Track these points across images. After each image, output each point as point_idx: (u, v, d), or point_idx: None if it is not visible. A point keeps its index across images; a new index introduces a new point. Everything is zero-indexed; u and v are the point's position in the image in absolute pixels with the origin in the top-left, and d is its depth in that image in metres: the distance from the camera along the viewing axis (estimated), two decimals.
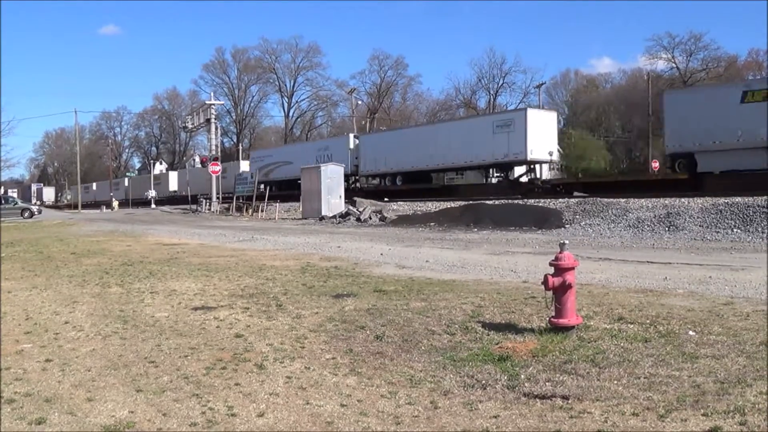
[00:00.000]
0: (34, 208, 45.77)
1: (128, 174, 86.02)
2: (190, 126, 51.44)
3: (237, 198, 40.37)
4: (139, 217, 37.66)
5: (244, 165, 53.57)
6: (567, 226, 17.04)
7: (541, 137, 29.99)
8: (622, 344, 4.82)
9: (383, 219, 23.62)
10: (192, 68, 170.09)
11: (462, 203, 23.82)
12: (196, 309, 6.82)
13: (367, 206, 26.12)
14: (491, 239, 15.24)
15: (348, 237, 16.76)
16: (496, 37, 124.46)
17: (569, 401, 3.75)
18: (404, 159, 35.18)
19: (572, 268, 5.14)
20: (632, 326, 5.34)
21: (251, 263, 10.86)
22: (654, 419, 3.40)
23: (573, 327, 5.13)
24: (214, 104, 48.39)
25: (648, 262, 9.76)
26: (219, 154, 46.90)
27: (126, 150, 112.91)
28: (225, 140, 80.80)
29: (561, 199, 21.51)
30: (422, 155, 34.43)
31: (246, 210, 36.37)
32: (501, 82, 77.15)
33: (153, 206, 60.05)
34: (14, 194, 69.93)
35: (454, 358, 4.70)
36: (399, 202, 28.99)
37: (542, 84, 64.29)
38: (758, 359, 4.30)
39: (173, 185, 65.92)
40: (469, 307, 6.29)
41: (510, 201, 23.21)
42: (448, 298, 6.82)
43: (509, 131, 30.33)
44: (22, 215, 39.88)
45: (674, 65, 66.09)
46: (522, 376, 4.22)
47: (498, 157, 30.99)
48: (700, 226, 14.61)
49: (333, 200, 27.89)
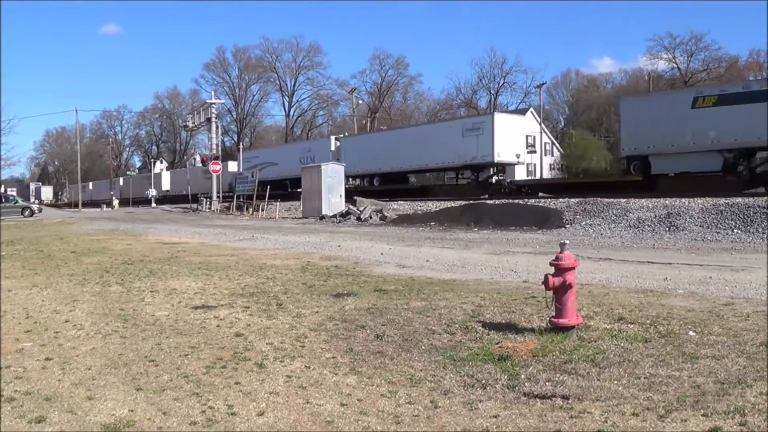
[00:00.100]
0: (35, 207, 45.82)
1: (129, 173, 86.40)
2: (191, 125, 51.44)
3: (237, 197, 40.40)
4: (140, 216, 37.68)
5: (233, 166, 55.23)
6: (567, 226, 17.05)
7: (509, 141, 31.34)
8: (623, 344, 4.82)
9: (384, 218, 23.63)
10: (193, 67, 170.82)
11: (462, 203, 23.84)
12: (197, 308, 6.82)
13: (368, 205, 26.12)
14: (492, 239, 15.25)
15: (348, 236, 16.77)
16: (497, 37, 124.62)
17: (569, 401, 3.75)
18: (382, 161, 36.28)
19: (573, 268, 5.14)
20: (632, 326, 5.34)
21: (251, 262, 10.87)
22: (654, 419, 3.40)
23: (573, 327, 5.13)
24: (215, 103, 48.34)
25: (648, 263, 9.76)
26: (220, 153, 46.91)
27: (126, 149, 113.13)
28: (226, 139, 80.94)
29: (561, 199, 21.54)
30: (398, 157, 35.70)
31: (246, 209, 36.39)
32: (502, 82, 77.28)
33: (153, 205, 60.20)
34: (13, 193, 70.04)
35: (455, 358, 4.70)
36: (399, 202, 29.03)
37: (543, 84, 64.17)
38: (758, 360, 4.30)
39: (166, 185, 67.94)
40: (470, 307, 6.29)
41: (510, 201, 23.23)
42: (449, 298, 6.82)
43: (478, 135, 31.61)
44: (23, 214, 39.89)
45: (675, 65, 66.17)
46: (522, 376, 4.22)
47: (467, 160, 32.20)
48: (701, 227, 14.61)
49: (333, 199, 27.92)
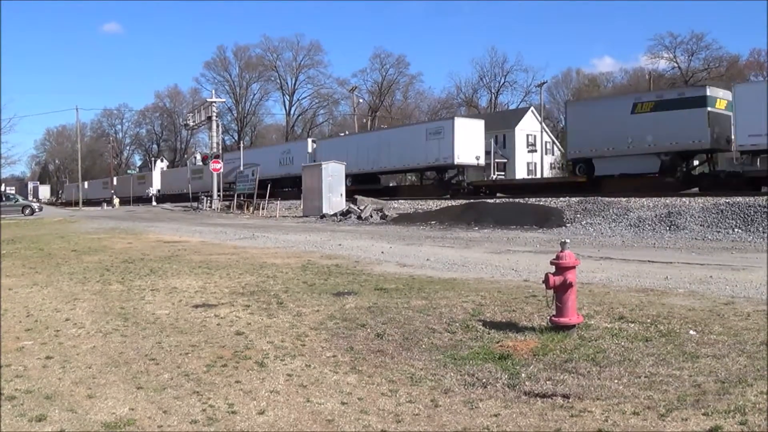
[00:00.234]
0: (35, 205, 45.83)
1: (129, 171, 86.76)
2: (192, 123, 51.47)
3: (238, 196, 40.43)
4: (140, 215, 37.70)
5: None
6: (568, 225, 17.05)
7: (469, 143, 32.71)
8: (623, 343, 4.82)
9: (384, 217, 23.63)
10: (193, 66, 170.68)
11: (463, 202, 23.85)
12: (197, 306, 6.82)
13: (368, 204, 26.11)
14: (492, 238, 15.24)
15: (349, 235, 16.77)
16: (498, 37, 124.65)
17: (570, 400, 3.75)
18: (354, 162, 37.16)
19: (573, 267, 5.14)
20: (633, 325, 5.34)
21: (252, 261, 10.86)
22: (654, 418, 3.40)
23: (574, 326, 5.13)
24: (216, 102, 48.31)
25: (649, 262, 9.76)
26: (220, 152, 46.94)
27: (127, 147, 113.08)
28: (226, 138, 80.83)
29: (562, 198, 21.55)
30: (369, 159, 37.20)
31: (247, 208, 36.41)
32: (502, 81, 77.35)
33: (154, 203, 60.25)
34: (12, 191, 70.43)
35: (455, 357, 4.70)
36: (400, 201, 29.05)
37: (544, 83, 64.33)
38: (759, 359, 4.30)
39: (157, 184, 70.28)
40: (470, 306, 6.29)
41: (511, 200, 23.25)
42: (449, 297, 6.82)
43: (440, 138, 33.26)
44: (23, 212, 39.92)
45: (676, 65, 66.13)
46: (523, 375, 4.22)
47: (430, 161, 33.98)
48: (701, 226, 14.61)
49: (334, 198, 27.93)
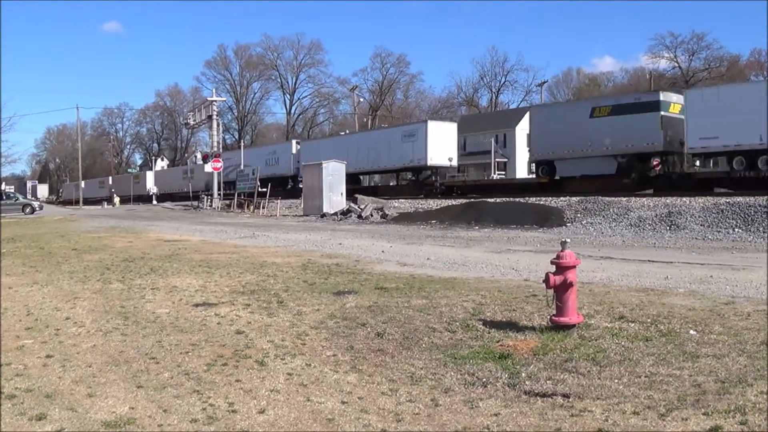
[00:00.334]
0: (36, 204, 45.85)
1: (130, 170, 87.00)
2: (192, 122, 51.50)
3: (238, 195, 40.44)
4: (140, 213, 37.71)
5: (208, 167, 56.34)
6: (568, 225, 17.04)
7: (441, 146, 34.21)
8: (623, 343, 4.82)
9: (384, 216, 23.62)
10: (194, 65, 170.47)
11: (463, 201, 23.84)
12: (197, 305, 6.82)
13: (369, 203, 26.11)
14: (492, 237, 15.24)
15: (349, 234, 16.77)
16: (499, 36, 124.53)
17: (570, 399, 3.75)
18: None
19: (573, 267, 5.13)
20: (633, 325, 5.34)
21: (252, 260, 10.87)
22: (655, 418, 3.40)
23: (574, 325, 5.13)
24: (216, 101, 48.28)
25: (649, 261, 9.76)
26: (221, 151, 46.95)
27: (128, 146, 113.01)
28: (227, 137, 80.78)
29: (563, 198, 21.55)
30: (350, 161, 38.39)
31: (247, 207, 36.41)
32: (503, 81, 77.22)
33: (154, 202, 60.28)
34: (11, 189, 70.71)
35: (455, 356, 4.70)
36: (401, 200, 29.05)
37: (544, 82, 64.52)
38: (759, 359, 4.30)
39: (150, 184, 71.20)
40: (470, 305, 6.29)
41: (511, 199, 23.23)
42: (449, 296, 6.82)
43: (414, 141, 34.89)
44: (24, 211, 39.94)
45: (676, 64, 66.03)
46: (523, 374, 4.21)
47: (405, 163, 35.80)
48: (702, 226, 14.61)
49: (334, 197, 27.92)
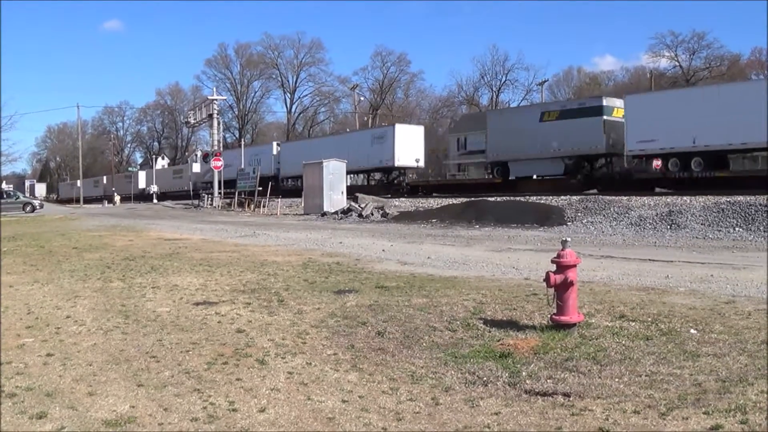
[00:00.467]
0: (36, 203, 45.88)
1: (130, 169, 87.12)
2: (193, 121, 51.43)
3: (239, 193, 40.44)
4: (141, 212, 37.73)
5: (196, 167, 58.26)
6: (569, 224, 17.04)
7: (408, 148, 35.81)
8: (624, 342, 4.82)
9: (385, 215, 23.62)
10: (195, 64, 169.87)
11: (464, 200, 23.83)
12: (198, 304, 6.82)
13: (369, 202, 26.10)
14: (493, 236, 15.24)
15: (350, 233, 16.77)
16: (499, 35, 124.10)
17: (570, 398, 3.75)
18: None
19: (574, 266, 5.13)
20: (634, 324, 5.34)
21: (253, 259, 10.87)
22: (655, 417, 3.40)
23: (574, 324, 5.13)
24: (217, 100, 48.20)
25: (650, 260, 9.76)
26: (221, 150, 46.91)
27: (128, 145, 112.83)
28: (227, 135, 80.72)
29: (563, 197, 21.54)
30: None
31: (248, 205, 36.41)
32: (504, 80, 76.91)
33: (155, 201, 60.29)
34: (10, 189, 70.87)
35: (456, 355, 4.70)
36: (401, 199, 29.06)
37: (545, 81, 64.27)
38: (759, 358, 4.30)
39: (142, 184, 71.81)
40: (471, 304, 6.29)
41: (512, 198, 23.24)
42: (450, 295, 6.82)
43: (382, 143, 36.29)
44: (24, 210, 39.96)
45: (677, 63, 65.88)
46: (523, 373, 4.21)
47: (375, 164, 37.26)
48: (702, 225, 14.60)
49: (335, 196, 27.91)
